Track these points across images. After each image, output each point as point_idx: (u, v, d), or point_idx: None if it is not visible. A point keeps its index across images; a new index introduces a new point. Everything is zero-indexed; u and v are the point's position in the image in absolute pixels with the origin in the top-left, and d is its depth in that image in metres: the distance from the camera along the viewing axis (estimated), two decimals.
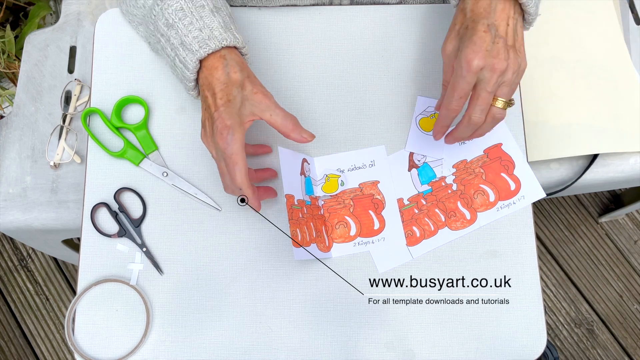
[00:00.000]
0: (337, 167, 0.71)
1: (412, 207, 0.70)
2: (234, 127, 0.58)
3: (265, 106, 0.60)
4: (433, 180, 0.70)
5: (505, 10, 0.60)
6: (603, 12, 0.95)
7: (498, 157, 0.71)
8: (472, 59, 0.57)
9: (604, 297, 1.44)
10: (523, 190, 0.70)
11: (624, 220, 1.49)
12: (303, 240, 0.64)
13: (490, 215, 0.69)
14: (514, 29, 0.61)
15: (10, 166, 0.90)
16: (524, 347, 0.66)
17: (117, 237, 0.68)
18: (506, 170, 0.70)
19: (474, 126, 0.61)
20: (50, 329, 1.41)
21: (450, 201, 0.70)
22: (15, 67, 1.20)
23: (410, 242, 0.69)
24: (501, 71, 0.58)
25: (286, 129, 0.61)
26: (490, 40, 0.58)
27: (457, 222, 0.69)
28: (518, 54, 0.60)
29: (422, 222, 0.69)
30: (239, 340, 0.66)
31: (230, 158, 0.58)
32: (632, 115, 0.89)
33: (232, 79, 0.61)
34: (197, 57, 0.61)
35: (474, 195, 0.70)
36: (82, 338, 0.66)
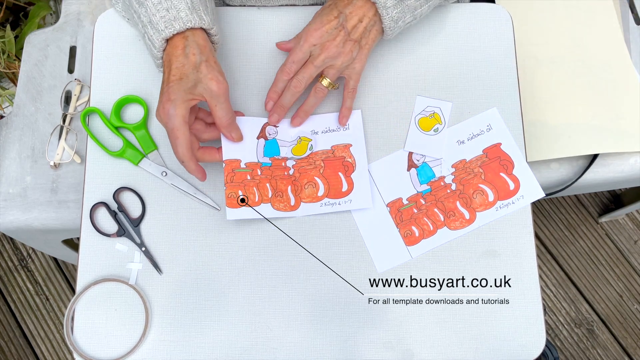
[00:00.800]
0: (311, 129, 0.71)
1: (411, 207, 0.70)
2: (176, 102, 0.60)
3: (215, 94, 0.62)
4: (432, 180, 0.70)
5: (363, 8, 0.66)
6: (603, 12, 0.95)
7: (497, 156, 0.71)
8: (312, 34, 0.66)
9: (604, 297, 1.43)
10: (522, 190, 0.70)
11: (624, 220, 1.49)
12: (248, 200, 0.66)
13: (490, 215, 0.69)
14: (367, 28, 0.67)
15: (10, 166, 0.90)
16: (523, 346, 0.66)
17: (116, 237, 0.68)
18: (505, 170, 0.70)
19: (293, 90, 0.67)
20: (50, 329, 1.41)
21: (449, 201, 0.70)
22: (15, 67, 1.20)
23: (409, 241, 0.69)
24: (331, 54, 0.66)
25: (222, 123, 0.64)
26: (334, 26, 0.66)
27: (456, 222, 0.69)
28: (358, 50, 0.67)
29: (421, 222, 0.69)
30: (239, 340, 0.66)
31: (172, 132, 0.61)
32: (632, 115, 0.89)
33: (189, 60, 0.62)
34: (162, 37, 0.63)
35: (473, 195, 0.70)
36: (81, 337, 0.66)
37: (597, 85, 0.90)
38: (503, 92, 0.73)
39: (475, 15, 0.76)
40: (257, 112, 0.72)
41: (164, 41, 0.63)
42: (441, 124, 0.72)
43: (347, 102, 0.70)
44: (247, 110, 0.72)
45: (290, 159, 0.70)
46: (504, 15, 0.76)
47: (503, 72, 0.74)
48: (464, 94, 0.73)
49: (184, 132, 0.61)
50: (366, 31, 0.67)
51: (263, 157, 0.69)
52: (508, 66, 0.74)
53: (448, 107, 0.72)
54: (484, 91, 0.73)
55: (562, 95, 0.89)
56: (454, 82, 0.74)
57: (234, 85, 0.73)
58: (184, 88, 0.61)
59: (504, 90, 0.73)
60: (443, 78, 0.74)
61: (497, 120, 0.72)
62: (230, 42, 0.74)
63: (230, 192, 0.66)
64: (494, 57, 0.75)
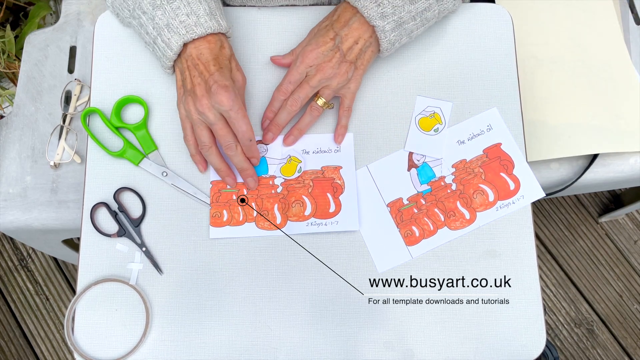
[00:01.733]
0: (302, 149, 0.71)
1: (411, 207, 0.70)
2: (232, 87, 0.63)
3: (238, 86, 0.66)
4: (432, 180, 0.71)
5: (359, 30, 0.68)
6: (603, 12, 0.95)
7: (497, 156, 0.71)
8: (308, 55, 0.68)
9: (604, 297, 1.43)
10: (522, 190, 0.70)
11: (624, 220, 1.49)
12: (232, 220, 0.67)
13: (490, 215, 0.69)
14: (362, 50, 0.69)
15: (10, 166, 0.90)
16: (523, 346, 0.66)
17: (117, 237, 0.68)
18: (505, 170, 0.70)
19: (289, 110, 0.69)
20: (50, 329, 1.41)
21: (449, 201, 0.70)
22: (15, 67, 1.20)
23: (409, 241, 0.69)
24: (327, 75, 0.67)
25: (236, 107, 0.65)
26: (329, 47, 0.68)
27: (456, 222, 0.69)
28: (353, 71, 0.69)
29: (422, 222, 0.69)
30: (239, 340, 0.66)
31: (238, 113, 0.63)
32: (632, 115, 0.89)
33: (223, 53, 0.66)
34: (183, 40, 0.65)
35: (473, 195, 0.70)
36: (81, 337, 0.66)
37: (597, 85, 0.90)
38: (503, 92, 0.73)
39: (475, 15, 0.76)
40: (256, 112, 0.72)
41: (182, 45, 0.65)
42: (441, 124, 0.72)
43: (342, 120, 0.71)
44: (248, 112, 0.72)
45: (278, 177, 0.70)
46: (504, 15, 0.76)
47: (503, 72, 0.74)
48: (464, 94, 0.73)
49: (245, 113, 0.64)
50: (362, 52, 0.69)
51: None
52: (508, 66, 0.74)
53: (448, 107, 0.72)
54: (484, 91, 0.73)
55: (562, 95, 0.89)
56: (454, 82, 0.74)
57: None
58: (228, 75, 0.64)
59: (504, 90, 0.73)
60: (443, 78, 0.74)
61: (497, 120, 0.72)
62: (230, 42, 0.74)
63: (215, 211, 0.67)
64: (494, 57, 0.75)
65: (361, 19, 0.68)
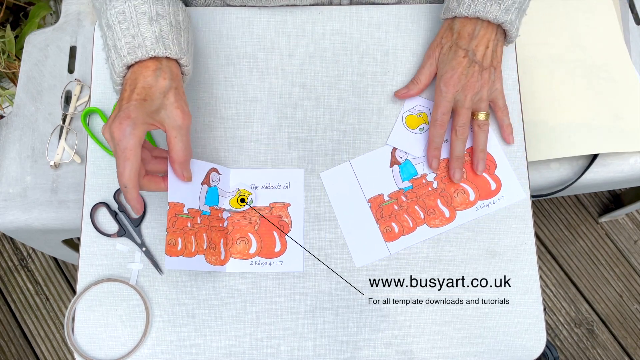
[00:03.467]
0: (251, 183, 0.70)
1: (392, 204, 0.70)
2: (136, 121, 0.56)
3: (177, 125, 0.59)
4: (414, 177, 0.71)
5: (486, 35, 0.69)
6: (603, 12, 0.95)
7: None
8: (450, 81, 0.68)
9: (604, 297, 1.43)
10: (503, 190, 0.70)
11: (624, 220, 1.49)
12: (185, 250, 0.63)
13: (470, 214, 0.69)
14: (493, 50, 0.69)
15: (10, 166, 0.90)
16: (523, 346, 0.66)
17: (117, 237, 0.68)
18: (487, 170, 0.71)
19: (462, 138, 0.69)
20: (50, 329, 1.41)
21: (430, 199, 0.70)
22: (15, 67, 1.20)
23: (388, 237, 0.69)
24: (475, 91, 0.68)
25: (178, 157, 0.60)
26: (467, 65, 0.68)
27: (435, 220, 0.69)
28: (494, 72, 0.70)
29: (401, 219, 0.69)
30: (239, 340, 0.66)
31: (124, 152, 0.56)
32: (632, 115, 0.89)
33: (158, 83, 0.60)
34: (123, 63, 0.61)
35: (454, 193, 0.70)
36: (81, 338, 0.66)
37: (597, 85, 0.90)
38: None
39: None
40: (259, 113, 0.72)
41: (125, 67, 0.61)
42: (427, 124, 0.72)
43: (504, 120, 0.71)
44: (248, 111, 0.72)
45: (226, 211, 0.69)
46: None
47: (503, 72, 0.74)
48: None
49: (136, 155, 0.56)
50: (494, 53, 0.69)
51: (204, 205, 0.67)
52: (508, 66, 0.74)
53: None
54: None
55: (562, 95, 0.89)
56: None
57: (235, 86, 0.73)
58: (146, 110, 0.58)
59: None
60: None
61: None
62: (231, 42, 0.74)
63: (170, 238, 0.63)
64: None
65: (485, 24, 0.68)
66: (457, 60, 0.68)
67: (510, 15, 0.68)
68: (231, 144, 0.71)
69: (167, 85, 0.60)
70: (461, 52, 0.68)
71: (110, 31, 0.63)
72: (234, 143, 0.71)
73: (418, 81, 0.71)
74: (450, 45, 0.69)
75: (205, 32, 0.75)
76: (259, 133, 0.72)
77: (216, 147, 0.71)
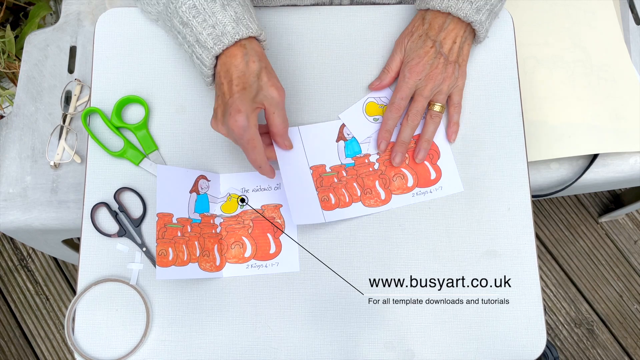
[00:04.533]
0: (241, 187, 0.70)
1: (332, 176, 0.71)
2: (247, 113, 0.60)
3: (275, 102, 0.63)
4: (358, 155, 0.71)
5: (455, 30, 0.70)
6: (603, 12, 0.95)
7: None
8: (414, 69, 0.69)
9: (604, 297, 1.44)
10: (442, 181, 0.70)
11: (624, 220, 1.49)
12: (177, 259, 0.64)
13: (405, 199, 0.70)
14: (460, 46, 0.70)
15: (10, 166, 0.90)
16: (523, 347, 0.66)
17: (117, 237, 0.68)
18: (430, 159, 0.71)
19: (412, 124, 0.70)
20: (50, 329, 1.41)
21: (369, 179, 0.71)
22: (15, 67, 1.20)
23: (325, 206, 0.69)
24: (436, 82, 0.69)
25: (278, 131, 0.65)
26: (433, 55, 0.69)
27: (371, 200, 0.70)
28: (458, 69, 0.70)
29: (339, 192, 0.70)
30: (239, 340, 0.66)
31: (250, 142, 0.61)
32: (632, 115, 0.89)
33: (250, 68, 0.62)
34: (212, 54, 0.63)
35: (393, 177, 0.71)
36: (82, 338, 0.66)
37: (597, 85, 0.90)
38: (503, 92, 0.73)
39: None
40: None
41: (214, 58, 0.63)
42: None
43: (454, 117, 0.72)
44: None
45: (218, 217, 0.69)
46: (505, 15, 0.76)
47: (503, 72, 0.74)
48: (464, 93, 0.73)
49: (259, 141, 0.62)
50: (460, 49, 0.70)
51: (193, 213, 0.67)
52: (508, 66, 0.74)
53: None
54: (484, 91, 0.73)
55: (562, 95, 0.89)
56: None
57: None
58: (249, 97, 0.61)
59: (504, 90, 0.73)
60: None
61: None
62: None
63: (160, 249, 0.64)
64: (494, 56, 0.75)
65: (455, 20, 0.69)
66: (425, 50, 0.69)
67: (480, 16, 0.68)
68: (220, 148, 0.71)
69: (257, 67, 0.63)
70: (429, 42, 0.69)
71: (188, 28, 0.64)
72: (224, 147, 0.71)
73: (389, 69, 0.72)
74: (420, 34, 0.70)
75: None
76: None
77: (206, 152, 0.71)
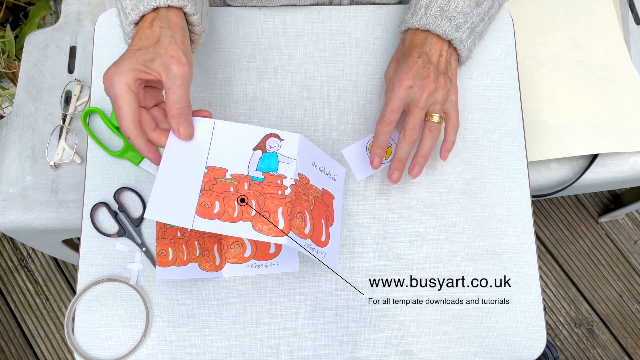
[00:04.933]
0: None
1: (230, 184, 0.61)
2: (121, 68, 0.55)
3: (172, 75, 0.56)
4: (271, 172, 0.62)
5: (437, 44, 0.67)
6: (603, 12, 0.95)
7: (327, 204, 0.66)
8: (404, 78, 0.65)
9: (604, 297, 1.44)
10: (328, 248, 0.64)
11: (624, 220, 1.49)
12: (177, 259, 0.63)
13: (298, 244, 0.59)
14: (448, 60, 0.68)
15: (10, 166, 0.90)
16: (523, 346, 0.66)
17: (117, 237, 0.68)
18: (326, 221, 0.65)
19: (409, 140, 0.65)
20: (50, 329, 1.41)
21: (273, 202, 0.60)
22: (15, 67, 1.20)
23: (201, 212, 0.58)
24: (430, 91, 0.65)
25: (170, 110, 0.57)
26: (421, 64, 0.65)
27: (264, 225, 0.59)
28: (449, 81, 0.67)
29: (230, 204, 0.59)
30: (239, 340, 0.66)
31: (115, 101, 0.55)
32: (632, 115, 0.89)
33: (154, 33, 0.58)
34: (129, 21, 0.60)
35: (297, 214, 0.61)
36: (81, 338, 0.66)
37: (597, 85, 0.90)
38: (503, 92, 0.73)
39: None
40: (259, 114, 0.72)
41: (132, 25, 0.60)
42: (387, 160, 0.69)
43: (450, 136, 0.68)
44: (250, 113, 0.72)
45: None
46: (504, 15, 0.76)
47: (503, 72, 0.74)
48: (464, 93, 0.73)
49: (128, 102, 0.55)
50: (448, 63, 0.68)
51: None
52: (508, 66, 0.74)
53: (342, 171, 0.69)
54: (484, 92, 0.73)
55: (562, 95, 0.89)
56: None
57: (235, 86, 0.73)
58: (138, 58, 0.56)
59: (504, 90, 0.73)
60: None
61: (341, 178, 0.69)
62: (231, 42, 0.74)
63: (160, 249, 0.62)
64: (494, 56, 0.75)
65: (435, 37, 0.67)
66: (412, 60, 0.65)
67: (460, 34, 0.67)
68: None
69: (162, 34, 0.57)
70: (415, 53, 0.66)
71: None
72: None
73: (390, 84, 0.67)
74: (404, 52, 0.68)
75: None
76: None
77: None
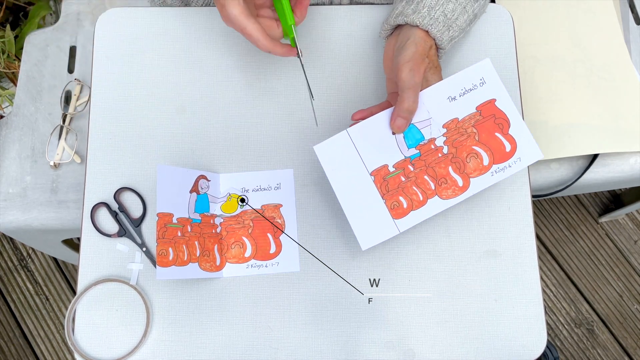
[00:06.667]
0: (241, 187, 0.70)
1: (398, 175, 0.62)
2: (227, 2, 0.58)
3: None
4: (421, 142, 0.63)
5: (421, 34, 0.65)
6: (603, 12, 0.95)
7: (492, 114, 0.63)
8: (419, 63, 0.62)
9: (604, 297, 1.44)
10: (519, 151, 0.63)
11: (624, 220, 1.49)
12: (177, 259, 0.63)
13: (485, 180, 0.62)
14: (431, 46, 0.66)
15: (10, 166, 0.90)
16: (523, 347, 0.66)
17: (117, 237, 0.68)
18: (501, 130, 0.63)
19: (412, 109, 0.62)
20: (50, 329, 1.41)
21: (440, 166, 0.62)
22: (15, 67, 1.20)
23: (396, 214, 0.62)
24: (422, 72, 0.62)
25: None
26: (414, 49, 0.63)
27: (448, 190, 0.62)
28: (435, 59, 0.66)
29: (410, 192, 0.62)
30: (239, 340, 0.66)
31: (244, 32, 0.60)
32: (632, 115, 0.89)
33: None
34: None
35: (466, 158, 0.62)
36: (82, 338, 0.66)
37: (597, 85, 0.90)
38: None
39: None
40: (259, 114, 0.72)
41: None
42: None
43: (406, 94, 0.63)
44: (250, 112, 0.72)
45: (218, 217, 0.68)
46: (505, 15, 0.76)
47: (503, 72, 0.74)
48: None
49: (253, 27, 0.59)
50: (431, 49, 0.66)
51: (194, 213, 0.66)
52: (508, 66, 0.74)
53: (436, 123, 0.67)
54: None
55: (562, 95, 0.89)
56: None
57: (235, 86, 0.73)
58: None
59: None
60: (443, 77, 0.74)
61: (490, 73, 0.64)
62: (231, 42, 0.74)
63: (161, 249, 0.63)
64: (494, 56, 0.75)
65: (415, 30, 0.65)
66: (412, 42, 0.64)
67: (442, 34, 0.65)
68: (220, 148, 0.71)
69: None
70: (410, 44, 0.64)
71: None
72: (224, 147, 0.71)
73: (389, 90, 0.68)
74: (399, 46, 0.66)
75: (205, 32, 0.75)
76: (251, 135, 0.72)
77: (206, 152, 0.71)
